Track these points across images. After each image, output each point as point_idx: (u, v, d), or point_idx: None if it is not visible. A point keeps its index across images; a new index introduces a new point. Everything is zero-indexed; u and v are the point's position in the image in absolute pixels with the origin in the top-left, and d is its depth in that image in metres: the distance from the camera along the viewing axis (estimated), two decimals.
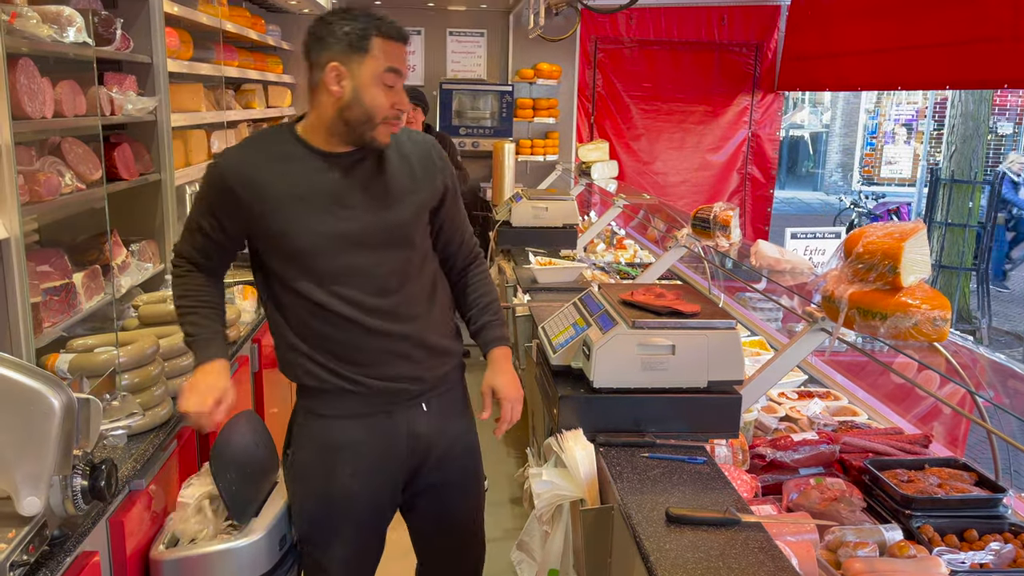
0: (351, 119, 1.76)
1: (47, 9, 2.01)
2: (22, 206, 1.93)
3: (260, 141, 1.90)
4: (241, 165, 1.82)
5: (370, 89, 1.75)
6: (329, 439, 1.92)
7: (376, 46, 1.74)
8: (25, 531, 1.45)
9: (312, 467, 1.93)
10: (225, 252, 1.97)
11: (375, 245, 1.84)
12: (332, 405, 1.91)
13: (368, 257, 1.83)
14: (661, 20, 7.05)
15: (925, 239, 1.77)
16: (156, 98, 2.74)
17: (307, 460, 1.94)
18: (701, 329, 1.96)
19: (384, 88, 1.76)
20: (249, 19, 4.31)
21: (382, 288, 1.85)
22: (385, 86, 1.76)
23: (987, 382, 1.97)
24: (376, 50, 1.74)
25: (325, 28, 1.75)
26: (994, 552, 1.71)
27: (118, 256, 2.55)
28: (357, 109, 1.75)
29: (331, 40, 1.74)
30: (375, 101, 1.75)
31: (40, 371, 1.47)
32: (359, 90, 1.74)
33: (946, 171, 8.54)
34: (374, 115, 1.76)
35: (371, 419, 1.92)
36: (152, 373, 2.09)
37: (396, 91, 1.78)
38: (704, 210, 3.11)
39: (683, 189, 7.37)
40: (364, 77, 1.74)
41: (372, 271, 1.84)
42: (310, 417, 1.93)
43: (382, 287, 1.85)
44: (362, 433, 1.91)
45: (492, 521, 3.44)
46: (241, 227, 1.87)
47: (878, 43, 5.40)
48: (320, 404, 1.92)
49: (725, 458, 2.07)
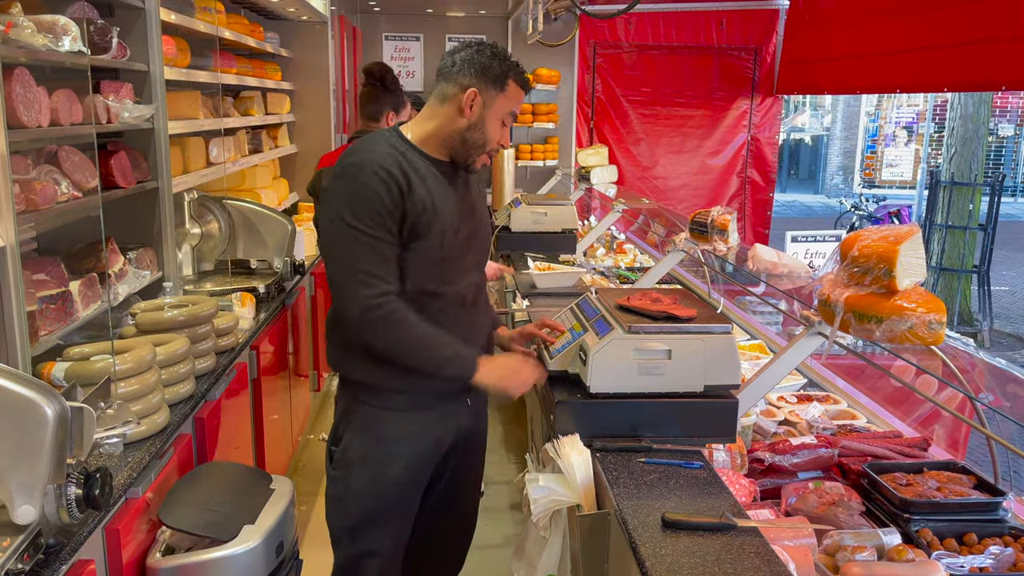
0: (470, 140, 1.97)
1: (42, 18, 2.02)
2: (18, 215, 1.92)
3: (384, 143, 1.95)
4: (394, 165, 1.88)
5: (493, 121, 1.97)
6: (387, 432, 2.00)
7: (511, 87, 1.98)
8: (19, 540, 1.44)
9: (369, 460, 2.00)
10: None
11: (476, 247, 2.08)
12: (398, 400, 2.00)
13: (472, 258, 2.07)
14: (660, 25, 7.06)
15: (920, 242, 1.77)
16: (153, 106, 2.74)
17: (365, 453, 2.01)
18: (697, 334, 1.95)
19: (501, 124, 2.00)
20: (247, 26, 4.32)
21: (478, 286, 2.10)
22: (502, 123, 2.00)
23: (986, 386, 1.96)
24: (510, 90, 1.98)
25: (478, 55, 1.95)
26: (993, 556, 1.71)
27: (115, 264, 2.55)
28: (479, 134, 1.97)
29: (478, 69, 1.94)
30: (493, 132, 1.99)
31: (33, 380, 1.47)
32: (486, 118, 1.96)
33: (946, 173, 8.54)
34: (488, 143, 1.99)
35: (430, 412, 2.04)
36: (149, 381, 2.09)
37: (506, 130, 2.03)
38: (702, 214, 3.11)
39: (683, 193, 7.38)
40: (493, 109, 1.96)
41: (475, 271, 2.09)
42: (371, 410, 2.01)
43: (478, 284, 2.10)
44: (420, 426, 2.03)
45: (492, 527, 3.44)
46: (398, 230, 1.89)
47: (877, 46, 5.41)
48: (387, 399, 1.99)
49: (723, 462, 2.06)
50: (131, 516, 1.89)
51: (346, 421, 2.05)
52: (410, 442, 2.02)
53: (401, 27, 6.70)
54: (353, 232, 1.84)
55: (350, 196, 1.86)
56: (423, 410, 2.03)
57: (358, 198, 1.85)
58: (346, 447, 2.03)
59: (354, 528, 2.05)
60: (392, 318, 1.86)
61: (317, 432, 4.48)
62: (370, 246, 1.84)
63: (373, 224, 1.84)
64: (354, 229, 1.84)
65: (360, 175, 1.86)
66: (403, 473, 2.02)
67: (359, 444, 2.02)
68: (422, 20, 6.66)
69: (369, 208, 1.84)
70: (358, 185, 1.85)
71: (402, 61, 6.73)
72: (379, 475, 2.01)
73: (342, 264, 1.87)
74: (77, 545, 1.60)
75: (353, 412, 2.03)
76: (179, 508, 1.97)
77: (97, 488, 1.55)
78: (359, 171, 1.86)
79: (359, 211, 1.84)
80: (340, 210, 1.86)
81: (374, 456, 2.01)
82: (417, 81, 6.74)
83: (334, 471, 2.06)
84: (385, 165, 1.87)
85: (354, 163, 1.88)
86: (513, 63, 1.98)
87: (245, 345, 2.92)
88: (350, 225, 1.84)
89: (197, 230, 3.50)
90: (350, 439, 2.03)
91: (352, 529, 2.05)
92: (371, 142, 1.96)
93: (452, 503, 2.24)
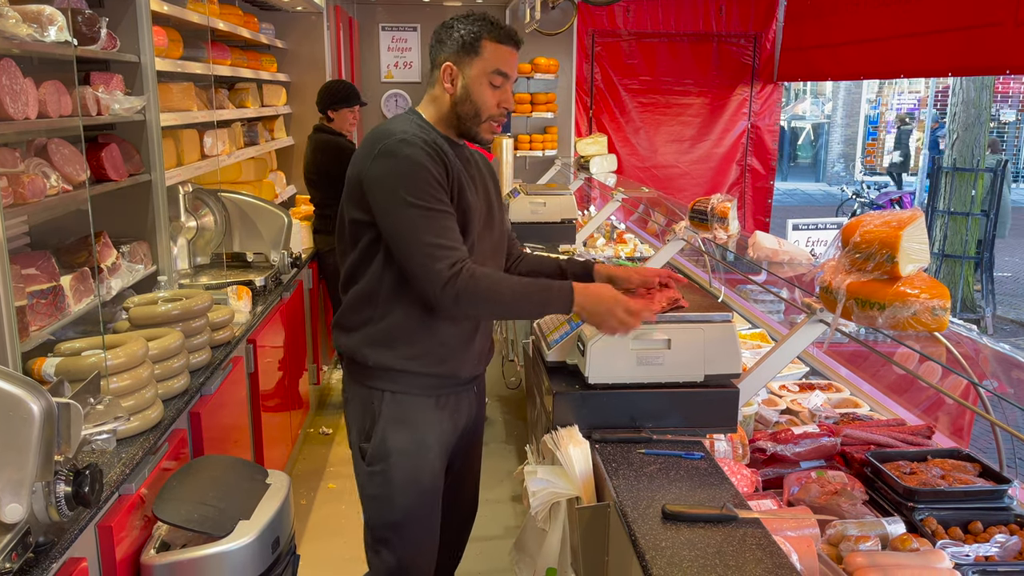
0: (462, 114, 1.93)
1: (27, 8, 1.98)
2: (6, 208, 1.90)
3: (412, 124, 1.92)
4: (432, 143, 1.86)
5: (478, 87, 1.91)
6: (419, 418, 1.96)
7: (486, 49, 1.90)
8: (7, 539, 1.42)
9: (409, 451, 1.95)
10: None
11: (497, 230, 2.06)
12: (423, 383, 1.96)
13: (495, 240, 2.05)
14: (658, 12, 7.01)
15: (923, 227, 1.74)
16: (144, 98, 2.70)
17: (401, 442, 1.95)
18: (697, 323, 1.92)
19: (491, 88, 1.92)
20: (241, 17, 4.27)
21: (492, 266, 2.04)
22: (492, 86, 1.92)
23: (990, 372, 1.93)
24: (486, 52, 1.90)
25: (445, 32, 1.93)
26: (999, 544, 1.68)
27: (108, 258, 2.52)
28: (468, 105, 1.92)
29: (448, 42, 1.92)
30: (482, 98, 1.91)
31: (19, 376, 1.44)
32: (469, 88, 1.91)
33: (948, 159, 8.49)
34: (481, 111, 1.92)
35: (451, 397, 2.02)
36: (142, 376, 2.06)
37: (503, 91, 1.94)
38: (701, 202, 3.08)
39: (683, 182, 7.34)
40: (473, 76, 1.91)
41: (497, 252, 2.08)
42: (398, 398, 1.95)
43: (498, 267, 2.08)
44: (445, 412, 2.01)
45: (492, 519, 3.42)
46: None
47: (878, 31, 5.36)
48: (411, 382, 1.95)
49: (725, 452, 2.03)
50: (124, 513, 1.87)
51: (371, 413, 1.97)
52: (438, 428, 1.99)
53: (398, 17, 6.65)
54: (414, 209, 1.79)
55: (402, 173, 1.81)
56: (446, 395, 2.00)
57: (410, 174, 1.81)
58: (382, 439, 1.95)
59: (400, 524, 1.99)
60: (474, 281, 1.79)
61: (317, 426, 4.46)
62: (431, 218, 1.80)
63: (429, 197, 1.80)
64: (413, 206, 1.79)
65: (407, 149, 1.82)
66: (436, 461, 1.99)
67: (395, 435, 1.94)
68: (419, 10, 6.61)
69: (423, 182, 1.80)
70: (409, 161, 1.81)
71: (399, 52, 6.68)
72: (419, 465, 1.96)
73: (409, 244, 1.81)
74: (68, 543, 1.57)
75: (378, 402, 1.96)
76: (173, 502, 1.94)
77: (87, 485, 1.52)
78: (406, 146, 1.83)
79: (413, 187, 1.80)
80: (397, 188, 1.80)
81: (412, 446, 1.95)
82: (414, 72, 6.70)
83: (371, 467, 1.97)
84: (425, 138, 1.87)
85: (400, 139, 1.84)
86: (486, 23, 1.91)
87: (241, 339, 2.89)
88: (409, 203, 1.79)
89: (192, 223, 3.47)
90: (384, 430, 1.95)
91: (398, 526, 1.99)
92: (402, 122, 1.93)
93: (458, 493, 2.20)
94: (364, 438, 1.99)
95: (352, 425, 2.04)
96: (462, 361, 2.00)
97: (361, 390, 1.99)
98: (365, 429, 1.99)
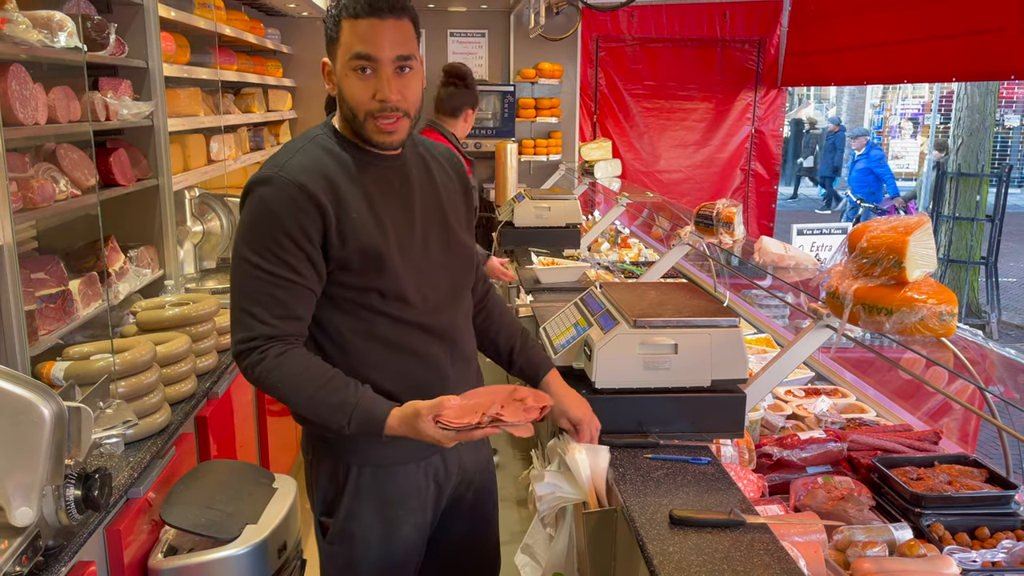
0: (346, 115, 1.59)
1: (37, 14, 2.00)
2: (15, 213, 1.91)
3: (312, 144, 1.60)
4: (314, 175, 1.53)
5: (344, 81, 1.55)
6: (393, 491, 1.67)
7: (345, 30, 1.53)
8: (18, 542, 1.43)
9: (374, 529, 1.67)
10: (314, 297, 1.58)
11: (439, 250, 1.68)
12: (395, 452, 1.64)
13: (436, 261, 1.67)
14: (662, 17, 7.02)
15: (930, 233, 1.74)
16: (152, 103, 2.72)
17: (367, 522, 1.67)
18: (704, 327, 1.92)
19: (358, 77, 1.53)
20: (247, 23, 4.29)
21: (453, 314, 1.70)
22: (358, 74, 1.53)
23: (997, 377, 1.93)
24: (345, 35, 1.53)
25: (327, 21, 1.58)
26: (1006, 550, 1.68)
27: (116, 262, 2.53)
28: (344, 105, 1.58)
29: (325, 34, 1.59)
30: (352, 92, 1.55)
31: (30, 380, 1.45)
32: (340, 84, 1.57)
33: (952, 164, 8.48)
34: (356, 109, 1.56)
35: (430, 459, 1.70)
36: (149, 380, 2.07)
37: (378, 78, 1.53)
38: (707, 207, 3.07)
39: (687, 186, 7.34)
40: (338, 68, 1.56)
41: (446, 272, 1.68)
42: (368, 471, 1.65)
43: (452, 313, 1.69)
44: (422, 477, 1.70)
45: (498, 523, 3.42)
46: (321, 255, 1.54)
47: (882, 36, 5.36)
48: (382, 453, 1.64)
49: (731, 457, 2.03)
50: (132, 517, 1.88)
51: (336, 483, 1.67)
52: (417, 496, 1.70)
53: None
54: (246, 264, 1.50)
55: (250, 220, 1.51)
56: (425, 458, 1.69)
57: (257, 222, 1.50)
58: (345, 517, 1.67)
59: None
60: (265, 369, 1.50)
61: None
62: (258, 279, 1.50)
63: (269, 255, 1.49)
64: (246, 260, 1.50)
65: (263, 190, 1.51)
66: (412, 533, 1.71)
67: (361, 512, 1.66)
68: (423, 15, 6.60)
69: (267, 236, 1.49)
70: (260, 208, 1.50)
71: None
72: (387, 546, 1.68)
73: (231, 300, 1.55)
74: (77, 547, 1.58)
75: (343, 471, 1.66)
76: (180, 507, 1.95)
77: (96, 489, 1.53)
78: (265, 186, 1.51)
79: (254, 239, 1.50)
80: (240, 239, 1.53)
81: (381, 523, 1.67)
82: None
83: (331, 546, 1.70)
84: (299, 179, 1.50)
85: (261, 178, 1.52)
86: (345, 2, 1.53)
87: None
88: (243, 257, 1.51)
89: (199, 228, 3.49)
90: (349, 507, 1.66)
91: None
92: (289, 147, 1.60)
93: (469, 542, 1.90)
94: (326, 511, 1.70)
95: (312, 490, 1.75)
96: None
97: (326, 460, 1.68)
98: (327, 500, 1.70)
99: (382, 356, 1.60)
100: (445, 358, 1.67)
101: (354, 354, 1.59)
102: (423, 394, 1.55)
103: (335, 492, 1.68)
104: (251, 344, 1.51)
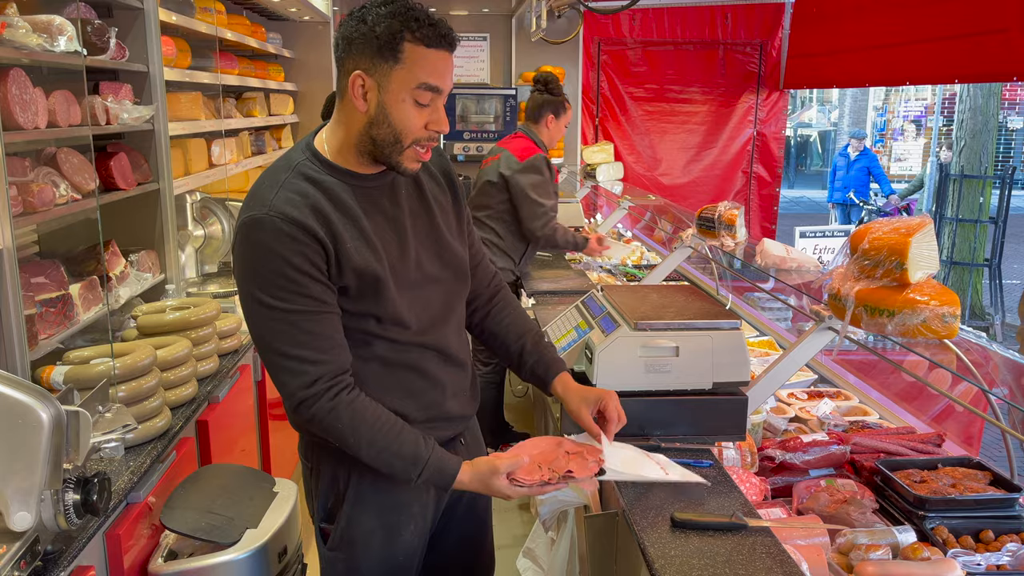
0: (379, 138, 1.49)
1: (37, 19, 2.00)
2: (15, 217, 1.91)
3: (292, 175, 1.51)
4: (302, 208, 1.46)
5: (398, 106, 1.46)
6: (394, 498, 1.65)
7: (408, 52, 1.43)
8: (16, 547, 1.42)
9: (375, 535, 1.66)
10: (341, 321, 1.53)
11: (431, 262, 1.64)
12: None
13: (428, 274, 1.63)
14: (664, 20, 7.02)
15: (932, 234, 1.73)
16: (152, 107, 2.72)
17: (368, 529, 1.65)
18: (705, 330, 1.92)
19: (416, 106, 1.46)
20: (249, 27, 4.30)
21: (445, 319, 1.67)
22: (418, 104, 1.46)
23: (1000, 379, 1.92)
24: (408, 56, 1.43)
25: (354, 25, 1.45)
26: (1011, 553, 1.67)
27: (116, 266, 2.53)
28: (385, 129, 1.47)
29: (359, 41, 1.43)
30: (404, 121, 1.47)
31: (28, 384, 1.44)
32: (387, 105, 1.46)
33: (955, 166, 8.47)
34: (402, 137, 1.48)
35: None
36: (149, 384, 2.07)
37: (434, 109, 1.48)
38: (709, 210, 3.07)
39: (689, 189, 7.33)
40: (391, 90, 1.45)
41: (440, 284, 1.65)
42: (368, 478, 1.63)
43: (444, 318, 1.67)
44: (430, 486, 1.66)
45: (500, 528, 3.40)
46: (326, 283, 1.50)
47: (884, 38, 5.35)
48: None
49: (733, 460, 2.02)
50: (132, 521, 1.87)
51: (336, 490, 1.65)
52: (418, 502, 1.68)
53: None
54: (265, 310, 1.45)
55: (252, 265, 1.46)
56: None
57: (260, 264, 1.45)
58: (347, 524, 1.65)
59: None
60: (336, 413, 1.47)
61: None
62: (288, 322, 1.45)
63: (283, 294, 1.43)
64: (264, 306, 1.44)
65: (257, 235, 1.44)
66: (413, 538, 1.70)
67: (362, 518, 1.64)
68: None
69: (274, 275, 1.44)
70: (259, 249, 1.44)
71: None
72: (388, 550, 1.67)
73: (264, 352, 1.50)
74: (76, 551, 1.58)
75: (344, 478, 1.64)
76: (180, 511, 1.94)
77: (95, 493, 1.52)
78: (257, 229, 1.44)
79: (263, 282, 1.44)
80: (247, 285, 1.47)
81: (382, 529, 1.66)
82: None
83: (332, 552, 1.68)
84: (290, 214, 1.43)
85: (250, 220, 1.45)
86: (409, 17, 1.42)
87: (249, 347, 2.89)
88: (260, 302, 1.45)
89: (200, 232, 3.49)
90: (350, 513, 1.64)
91: None
92: (271, 179, 1.51)
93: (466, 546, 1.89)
94: (326, 517, 1.69)
95: (312, 497, 1.72)
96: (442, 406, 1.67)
97: (326, 467, 1.65)
98: (328, 507, 1.68)
99: (378, 373, 1.59)
100: (439, 368, 1.66)
101: (351, 372, 1.56)
102: (417, 401, 1.60)
103: (336, 499, 1.66)
104: (314, 390, 1.46)
